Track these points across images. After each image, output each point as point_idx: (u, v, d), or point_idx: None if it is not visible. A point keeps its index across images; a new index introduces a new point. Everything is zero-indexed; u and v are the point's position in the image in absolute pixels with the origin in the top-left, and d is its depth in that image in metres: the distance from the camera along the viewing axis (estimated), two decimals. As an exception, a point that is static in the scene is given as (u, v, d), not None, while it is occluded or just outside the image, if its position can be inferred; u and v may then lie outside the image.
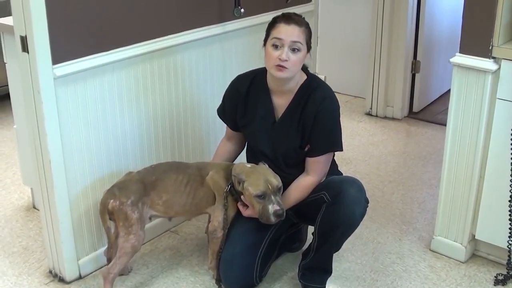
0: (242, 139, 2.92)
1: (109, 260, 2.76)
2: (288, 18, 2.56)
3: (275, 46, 2.54)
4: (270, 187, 2.57)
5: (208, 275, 2.90)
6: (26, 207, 3.52)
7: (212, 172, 2.73)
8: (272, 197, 2.57)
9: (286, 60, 2.52)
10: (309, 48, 2.60)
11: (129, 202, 2.61)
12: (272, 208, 2.56)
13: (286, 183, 2.68)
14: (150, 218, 2.76)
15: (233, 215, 2.75)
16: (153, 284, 2.87)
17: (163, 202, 2.71)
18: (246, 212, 2.69)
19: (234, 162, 2.86)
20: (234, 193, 2.69)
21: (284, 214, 2.59)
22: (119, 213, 2.61)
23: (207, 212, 2.78)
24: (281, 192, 2.63)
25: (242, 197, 2.67)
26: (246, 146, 2.94)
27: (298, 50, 2.54)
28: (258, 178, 2.59)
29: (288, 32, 2.53)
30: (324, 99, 2.61)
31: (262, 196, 2.57)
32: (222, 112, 2.88)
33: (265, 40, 2.62)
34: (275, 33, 2.55)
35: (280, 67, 2.54)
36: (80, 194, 2.79)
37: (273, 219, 2.57)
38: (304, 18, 2.61)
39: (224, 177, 2.71)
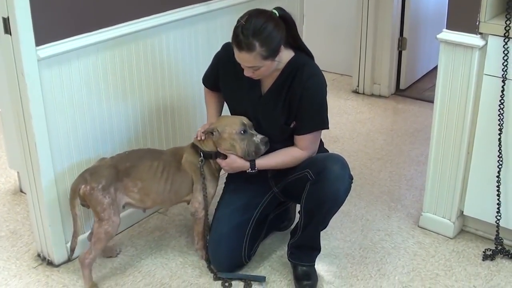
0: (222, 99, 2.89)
1: (72, 250, 2.73)
2: (239, 44, 2.42)
3: None
4: (246, 122, 2.63)
5: (197, 256, 2.90)
6: (13, 191, 3.50)
7: (186, 154, 2.74)
8: (251, 131, 2.63)
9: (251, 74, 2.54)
10: (275, 54, 2.47)
11: (99, 187, 2.57)
12: (257, 138, 2.62)
13: None
14: (123, 207, 2.72)
15: (213, 192, 2.76)
16: (142, 265, 2.87)
17: (138, 189, 2.67)
18: (223, 163, 2.67)
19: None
20: (209, 157, 2.70)
21: (269, 142, 2.63)
22: (90, 198, 2.58)
23: (187, 200, 2.78)
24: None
25: (218, 150, 2.67)
26: None
27: (258, 68, 2.49)
28: (228, 118, 2.68)
29: (241, 59, 2.48)
30: (310, 77, 2.57)
31: (244, 131, 2.61)
32: (206, 74, 2.86)
33: None
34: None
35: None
36: (66, 177, 2.77)
37: (262, 148, 2.62)
38: (262, 28, 2.39)
39: (196, 153, 2.72)
